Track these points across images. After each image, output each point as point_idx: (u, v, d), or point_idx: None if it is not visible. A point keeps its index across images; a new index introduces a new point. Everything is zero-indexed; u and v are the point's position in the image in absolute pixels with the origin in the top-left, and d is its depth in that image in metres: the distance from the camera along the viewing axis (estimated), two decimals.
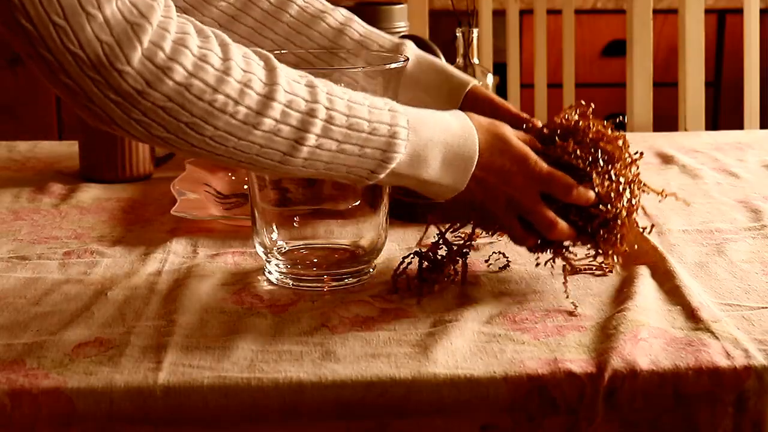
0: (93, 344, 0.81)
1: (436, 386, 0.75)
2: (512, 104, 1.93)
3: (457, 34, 1.49)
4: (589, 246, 0.92)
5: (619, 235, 0.91)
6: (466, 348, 0.80)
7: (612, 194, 0.90)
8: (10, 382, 0.75)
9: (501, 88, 1.94)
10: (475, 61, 1.50)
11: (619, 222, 0.90)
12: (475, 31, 1.50)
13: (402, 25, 1.46)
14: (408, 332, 0.84)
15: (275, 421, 0.75)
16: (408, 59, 0.97)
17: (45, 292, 0.93)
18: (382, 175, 0.84)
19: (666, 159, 1.45)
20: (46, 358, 0.79)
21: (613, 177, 0.90)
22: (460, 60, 1.50)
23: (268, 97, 0.78)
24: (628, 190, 0.91)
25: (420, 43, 1.44)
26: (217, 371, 0.77)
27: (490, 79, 1.50)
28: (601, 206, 0.89)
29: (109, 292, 0.92)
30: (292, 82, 0.80)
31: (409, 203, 1.14)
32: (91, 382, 0.75)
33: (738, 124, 1.92)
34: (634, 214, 0.92)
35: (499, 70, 2.02)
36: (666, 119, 2.02)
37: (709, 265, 0.99)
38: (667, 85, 2.25)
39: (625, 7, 2.18)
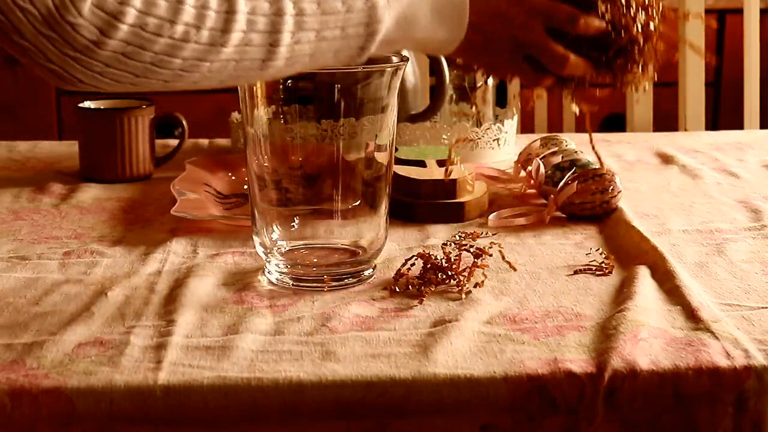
0: (93, 344, 0.81)
1: (436, 386, 0.75)
2: (512, 104, 1.93)
3: None
4: (609, 78, 0.88)
5: (639, 63, 0.86)
6: (466, 348, 0.80)
7: (623, 20, 0.85)
8: (10, 382, 0.75)
9: (501, 88, 1.94)
10: None
11: (636, 48, 0.85)
12: None
13: None
14: (408, 332, 0.84)
15: (275, 421, 0.75)
16: (408, 59, 0.97)
17: (45, 292, 0.93)
18: (372, 48, 0.82)
19: (666, 159, 1.45)
20: (46, 358, 0.79)
21: (623, 1, 0.85)
22: (460, 60, 1.50)
23: (228, 12, 0.76)
24: (642, 14, 0.86)
25: None
26: (217, 371, 0.77)
27: (490, 79, 1.50)
28: (614, 34, 0.85)
29: (109, 292, 0.92)
30: (254, 2, 0.78)
31: (409, 203, 1.14)
32: (91, 382, 0.75)
33: (738, 124, 1.92)
34: (655, 39, 0.87)
35: None
36: (666, 119, 2.02)
37: (709, 265, 0.99)
38: (667, 85, 2.25)
39: None
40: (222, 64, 0.77)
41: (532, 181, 1.21)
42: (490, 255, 0.97)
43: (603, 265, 0.98)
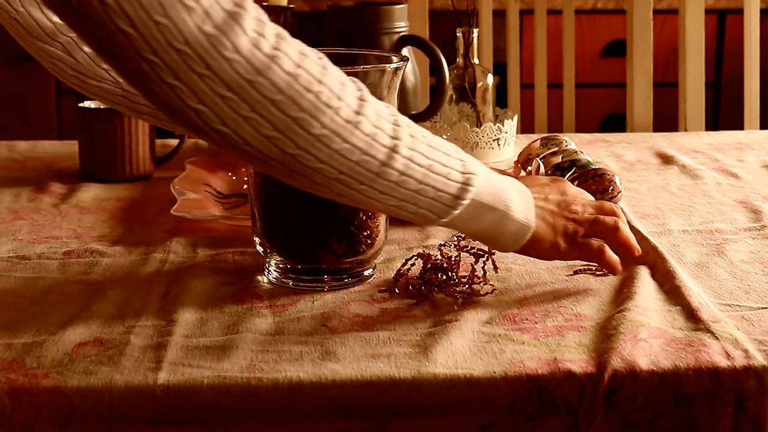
0: (93, 344, 0.81)
1: (436, 386, 0.75)
2: (512, 104, 1.93)
3: (457, 34, 1.49)
4: None
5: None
6: (466, 348, 0.80)
7: None
8: (10, 382, 0.75)
9: (501, 88, 1.94)
10: (475, 61, 1.50)
11: None
12: (475, 31, 1.50)
13: (402, 25, 1.46)
14: (408, 332, 0.84)
15: (275, 421, 0.75)
16: (407, 59, 0.97)
17: (45, 292, 0.93)
18: (460, 208, 0.83)
19: (666, 159, 1.46)
20: (46, 357, 0.79)
21: None
22: (460, 60, 1.50)
23: (361, 99, 0.77)
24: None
25: (420, 43, 1.44)
26: (216, 371, 0.77)
27: (490, 79, 1.50)
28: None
29: (109, 292, 0.92)
30: (378, 103, 0.79)
31: None
32: (91, 381, 0.75)
33: (738, 124, 1.92)
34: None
35: (499, 70, 2.02)
36: (666, 119, 2.02)
37: (709, 265, 0.99)
38: (667, 85, 2.25)
39: (625, 7, 2.18)
40: (350, 148, 0.76)
41: None
42: (493, 253, 0.97)
43: (597, 272, 0.98)
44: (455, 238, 1.06)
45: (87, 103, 1.35)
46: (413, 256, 0.96)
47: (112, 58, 0.71)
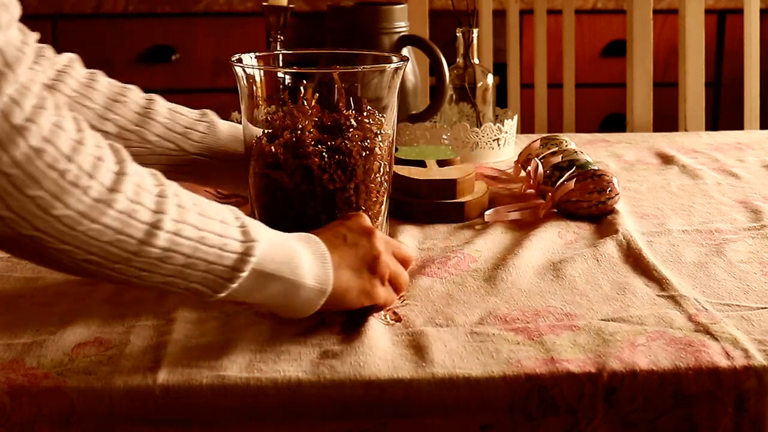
0: (93, 344, 0.81)
1: (435, 386, 0.75)
2: (512, 104, 1.93)
3: (457, 34, 1.50)
4: None
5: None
6: (462, 348, 0.80)
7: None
8: (10, 382, 0.75)
9: (501, 88, 1.94)
10: (475, 61, 1.50)
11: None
12: (475, 31, 1.50)
13: (402, 25, 1.46)
14: (406, 332, 0.84)
15: (274, 421, 0.75)
16: (407, 59, 0.97)
17: (45, 292, 0.93)
18: (242, 276, 0.77)
19: (666, 159, 1.46)
20: (45, 357, 0.79)
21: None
22: (460, 60, 1.50)
23: (119, 173, 0.70)
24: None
25: (420, 43, 1.44)
26: (216, 371, 0.77)
27: (490, 79, 1.50)
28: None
29: (109, 292, 0.92)
30: (141, 174, 0.73)
31: (409, 203, 1.14)
32: (90, 381, 0.75)
33: (738, 124, 1.92)
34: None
35: (499, 70, 2.02)
36: (666, 119, 2.02)
37: (709, 265, 0.99)
38: (667, 85, 2.25)
39: (625, 7, 2.18)
40: (101, 228, 0.69)
41: (532, 181, 1.21)
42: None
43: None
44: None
45: None
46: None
47: None
